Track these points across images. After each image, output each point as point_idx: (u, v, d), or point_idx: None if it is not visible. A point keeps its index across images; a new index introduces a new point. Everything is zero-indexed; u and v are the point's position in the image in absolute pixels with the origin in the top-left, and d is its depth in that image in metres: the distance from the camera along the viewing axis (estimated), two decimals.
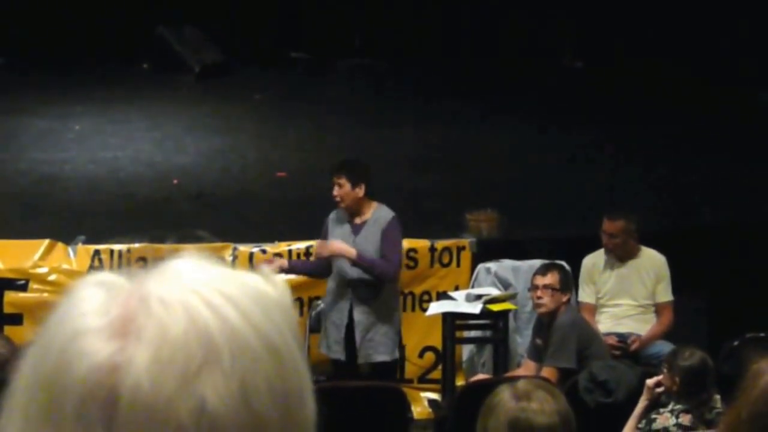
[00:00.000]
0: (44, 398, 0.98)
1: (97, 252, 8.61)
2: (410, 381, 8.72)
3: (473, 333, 8.73)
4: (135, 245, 8.52)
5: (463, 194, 10.14)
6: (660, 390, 6.26)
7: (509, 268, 8.82)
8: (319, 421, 1.05)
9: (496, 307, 8.27)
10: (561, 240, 9.17)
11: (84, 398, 0.96)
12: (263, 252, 8.73)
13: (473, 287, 8.70)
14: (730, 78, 13.56)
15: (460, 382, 8.51)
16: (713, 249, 9.24)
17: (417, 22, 15.62)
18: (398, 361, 8.20)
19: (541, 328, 7.97)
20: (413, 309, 8.79)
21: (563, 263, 8.25)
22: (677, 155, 11.53)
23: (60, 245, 8.63)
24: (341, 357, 7.84)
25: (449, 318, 8.34)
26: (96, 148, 11.63)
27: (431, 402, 8.58)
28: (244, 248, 8.76)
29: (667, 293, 8.53)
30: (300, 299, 8.41)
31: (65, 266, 8.52)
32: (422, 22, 15.69)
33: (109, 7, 14.89)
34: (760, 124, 12.16)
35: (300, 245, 8.65)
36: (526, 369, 7.91)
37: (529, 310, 8.53)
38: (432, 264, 8.87)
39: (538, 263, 8.36)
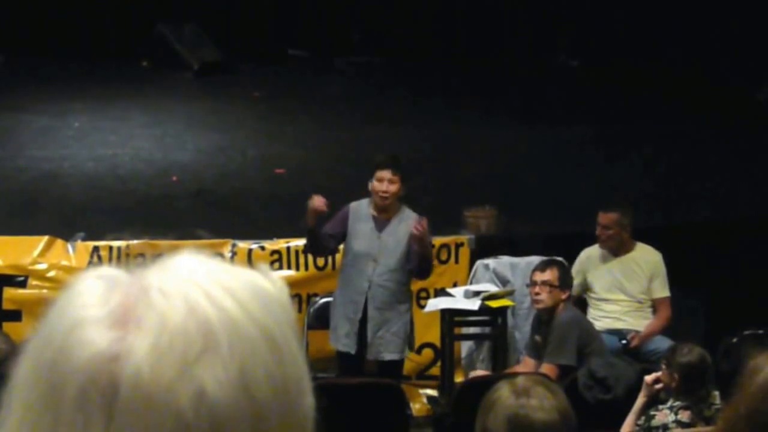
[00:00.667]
0: (45, 387, 0.99)
1: (96, 249, 8.60)
2: (409, 378, 8.70)
3: (472, 329, 8.71)
4: (134, 242, 8.51)
5: (461, 191, 10.14)
6: (659, 386, 6.26)
7: (507, 265, 8.82)
8: (318, 418, 1.06)
9: (495, 304, 8.26)
10: (558, 236, 9.17)
11: (84, 387, 0.97)
12: (262, 249, 8.73)
13: (471, 284, 8.70)
14: (727, 76, 13.57)
15: (459, 379, 8.51)
16: (711, 246, 9.25)
17: (414, 20, 15.64)
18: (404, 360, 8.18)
19: (540, 325, 7.97)
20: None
21: (562, 260, 8.23)
22: (674, 152, 11.53)
23: (59, 242, 8.62)
24: (351, 350, 7.80)
25: (448, 314, 8.33)
26: (95, 145, 11.61)
27: (430, 399, 8.56)
28: (243, 245, 8.76)
29: (664, 289, 8.54)
30: (298, 296, 8.41)
31: (64, 263, 8.51)
32: (419, 20, 15.72)
33: (109, 5, 14.90)
34: (757, 122, 12.17)
35: (298, 242, 8.65)
36: (526, 366, 7.91)
37: (527, 307, 8.53)
38: None
39: (536, 260, 8.36)
